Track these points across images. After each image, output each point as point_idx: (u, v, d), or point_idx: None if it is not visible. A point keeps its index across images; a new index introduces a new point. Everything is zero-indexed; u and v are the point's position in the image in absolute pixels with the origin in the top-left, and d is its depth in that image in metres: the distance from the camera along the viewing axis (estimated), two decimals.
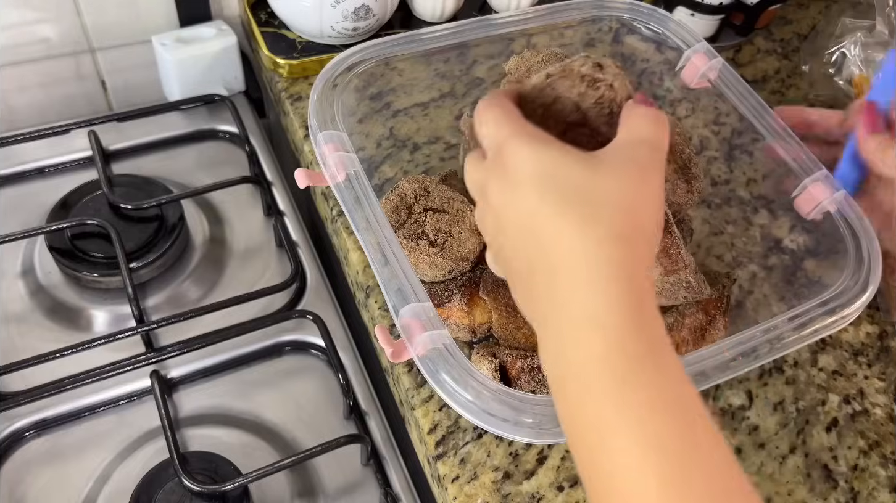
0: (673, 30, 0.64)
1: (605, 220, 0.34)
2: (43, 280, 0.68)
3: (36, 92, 0.81)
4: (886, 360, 0.63)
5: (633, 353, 0.32)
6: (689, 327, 0.55)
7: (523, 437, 0.43)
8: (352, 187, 0.50)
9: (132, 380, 0.62)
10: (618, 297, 0.33)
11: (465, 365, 0.43)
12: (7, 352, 0.63)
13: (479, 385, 0.43)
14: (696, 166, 0.61)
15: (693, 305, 0.56)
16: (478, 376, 0.43)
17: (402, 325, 0.45)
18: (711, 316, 0.56)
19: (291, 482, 0.59)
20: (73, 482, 0.58)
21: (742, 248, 0.65)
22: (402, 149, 0.69)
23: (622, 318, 0.33)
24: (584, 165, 0.36)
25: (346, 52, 0.57)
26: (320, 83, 0.55)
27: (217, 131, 0.81)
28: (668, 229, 0.53)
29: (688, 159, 0.61)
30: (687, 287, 0.53)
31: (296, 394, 0.64)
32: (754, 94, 0.60)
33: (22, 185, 0.75)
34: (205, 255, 0.72)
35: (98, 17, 0.78)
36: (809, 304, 0.50)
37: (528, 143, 0.36)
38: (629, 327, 0.33)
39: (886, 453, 0.57)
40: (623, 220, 0.34)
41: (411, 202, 0.57)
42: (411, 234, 0.55)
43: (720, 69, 0.62)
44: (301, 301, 0.69)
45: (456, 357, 0.44)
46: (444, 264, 0.55)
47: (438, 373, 0.43)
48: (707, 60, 0.62)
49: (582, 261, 0.33)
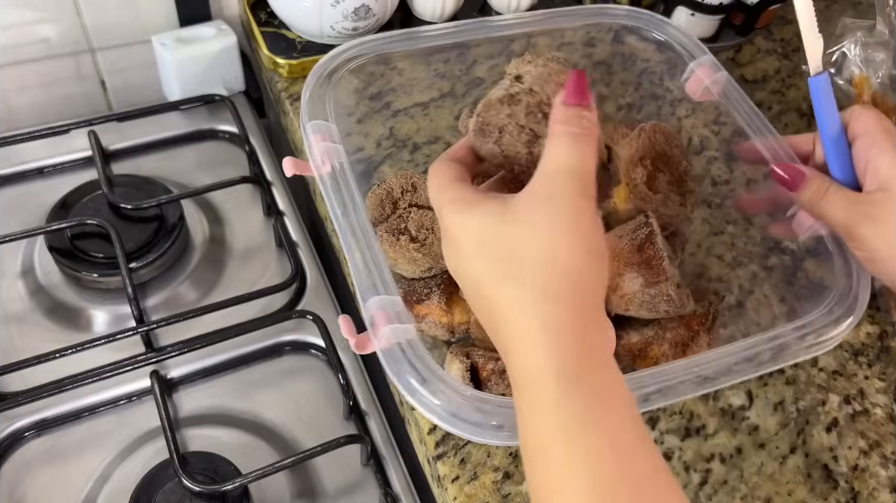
0: (678, 39, 0.64)
1: (528, 279, 0.36)
2: (43, 280, 0.68)
3: (36, 92, 0.81)
4: (886, 360, 0.62)
5: (573, 410, 0.34)
6: (669, 341, 0.54)
7: (487, 439, 0.43)
8: (334, 177, 0.50)
9: (132, 380, 0.62)
10: (551, 352, 0.35)
11: (426, 362, 0.43)
12: (7, 352, 0.63)
13: (440, 384, 0.43)
14: (693, 180, 0.60)
15: (675, 320, 0.55)
16: (439, 373, 0.43)
17: (368, 317, 0.45)
18: (694, 332, 0.55)
19: (291, 482, 0.59)
20: (73, 482, 0.58)
21: (742, 247, 0.64)
22: (402, 149, 0.69)
23: (556, 371, 0.35)
24: (505, 221, 0.37)
25: (340, 48, 0.57)
26: (313, 78, 0.55)
27: (217, 131, 0.81)
28: (650, 240, 0.53)
29: (684, 172, 0.60)
30: (668, 300, 0.52)
31: (296, 394, 0.64)
32: (759, 113, 0.60)
33: (22, 185, 0.75)
34: (205, 255, 0.72)
35: (98, 17, 0.78)
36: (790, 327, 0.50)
37: (458, 212, 0.39)
38: (565, 382, 0.34)
39: (887, 453, 0.57)
40: (545, 275, 0.36)
41: (397, 197, 0.57)
42: (394, 229, 0.55)
43: (724, 83, 0.61)
44: (301, 301, 0.69)
45: (418, 353, 0.44)
46: (423, 261, 0.54)
47: (400, 369, 0.43)
48: (711, 73, 0.61)
49: (519, 319, 0.36)
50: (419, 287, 0.56)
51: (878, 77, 0.76)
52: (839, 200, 0.51)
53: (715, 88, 0.62)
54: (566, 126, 0.38)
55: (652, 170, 0.58)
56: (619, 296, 0.54)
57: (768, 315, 0.61)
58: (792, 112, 0.80)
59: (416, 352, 0.44)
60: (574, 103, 0.39)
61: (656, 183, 0.58)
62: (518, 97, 0.40)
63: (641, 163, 0.58)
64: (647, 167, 0.58)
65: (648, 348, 0.54)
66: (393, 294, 0.46)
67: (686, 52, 0.63)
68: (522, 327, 0.36)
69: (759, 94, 0.81)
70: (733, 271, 0.64)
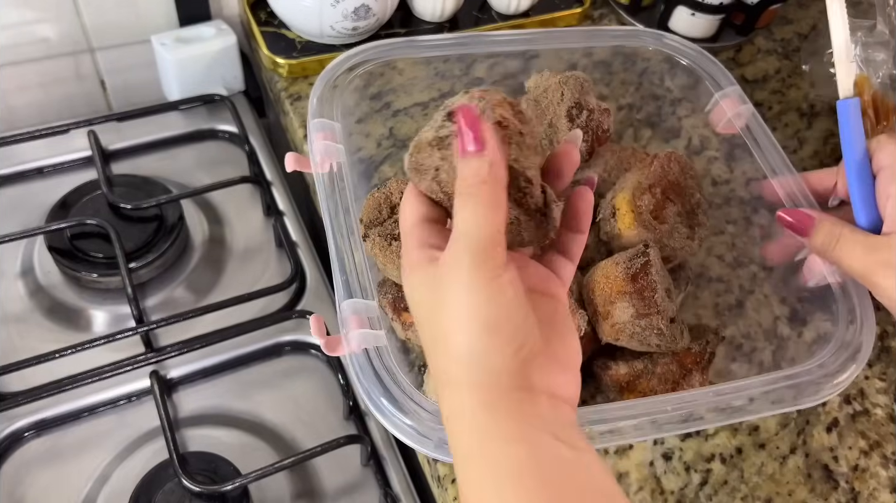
0: (704, 66, 0.63)
1: (432, 362, 0.36)
2: (42, 280, 0.68)
3: (35, 92, 0.81)
4: (887, 360, 0.62)
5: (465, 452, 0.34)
6: (659, 377, 0.53)
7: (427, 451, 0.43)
8: (331, 177, 0.51)
9: (132, 380, 0.62)
10: (453, 435, 0.35)
11: (390, 369, 0.43)
12: (6, 352, 0.63)
13: (404, 396, 0.43)
14: (705, 213, 0.59)
15: (668, 355, 0.54)
16: (404, 385, 0.43)
17: (342, 319, 0.45)
18: (687, 369, 0.53)
19: (291, 482, 0.59)
20: (73, 482, 0.58)
21: (742, 247, 0.64)
22: (402, 149, 0.69)
23: (458, 453, 0.35)
24: (425, 296, 0.36)
25: (348, 52, 0.57)
26: (321, 83, 0.55)
27: (216, 131, 0.81)
28: (645, 270, 0.52)
29: (696, 204, 0.59)
30: (658, 334, 0.52)
31: (295, 394, 0.64)
32: (780, 150, 0.58)
33: (21, 185, 0.75)
34: (204, 255, 0.72)
35: (97, 17, 0.78)
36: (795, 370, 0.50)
37: (405, 275, 0.37)
38: (461, 461, 0.34)
39: (887, 453, 0.57)
40: (444, 359, 0.35)
41: (396, 202, 0.56)
42: (386, 234, 0.54)
43: (748, 117, 0.60)
44: (301, 301, 0.69)
45: (384, 361, 0.44)
46: None
47: (365, 376, 0.43)
48: (737, 105, 0.60)
49: (440, 395, 0.36)
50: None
51: (878, 77, 0.76)
52: (853, 247, 0.48)
53: (738, 121, 0.60)
54: (463, 184, 0.34)
55: (661, 199, 0.57)
56: (610, 324, 0.53)
57: (768, 315, 0.61)
58: (792, 112, 0.80)
59: (383, 361, 0.44)
60: (468, 154, 0.34)
61: (664, 213, 0.57)
62: (448, 140, 0.37)
63: (650, 190, 0.56)
64: (657, 195, 0.56)
65: (636, 381, 0.53)
66: (370, 299, 0.45)
67: (711, 80, 0.62)
68: (441, 404, 0.36)
69: (759, 94, 0.81)
70: (733, 271, 0.64)
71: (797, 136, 0.78)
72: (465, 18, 0.81)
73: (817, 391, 0.48)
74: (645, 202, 0.56)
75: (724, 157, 0.66)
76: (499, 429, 0.33)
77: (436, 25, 0.80)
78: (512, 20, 0.81)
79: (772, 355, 0.59)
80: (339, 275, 0.46)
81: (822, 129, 0.79)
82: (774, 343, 0.59)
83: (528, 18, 0.82)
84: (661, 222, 0.56)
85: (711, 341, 0.55)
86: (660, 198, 0.57)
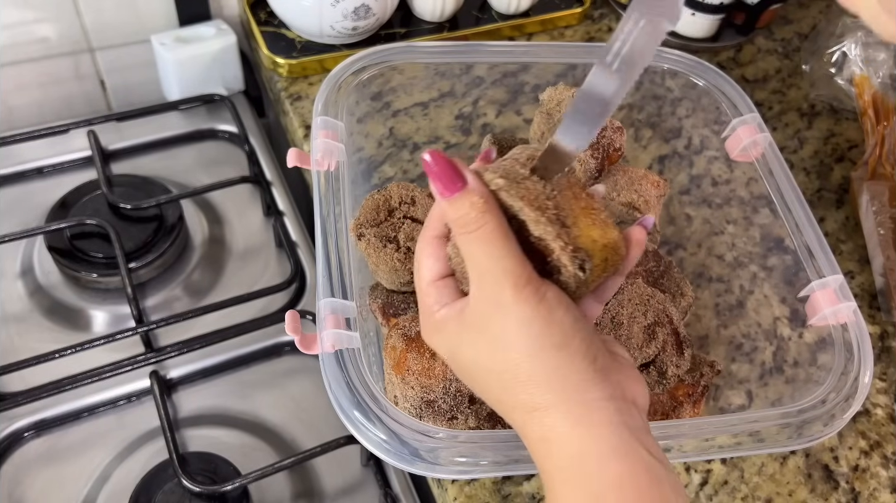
0: (727, 91, 0.62)
1: (501, 394, 0.36)
2: (42, 280, 0.68)
3: (35, 92, 0.81)
4: (887, 360, 0.62)
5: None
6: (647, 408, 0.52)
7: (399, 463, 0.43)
8: (329, 176, 0.51)
9: (131, 380, 0.62)
10: (546, 459, 0.36)
11: (362, 375, 0.44)
12: (6, 352, 0.63)
13: (372, 403, 0.43)
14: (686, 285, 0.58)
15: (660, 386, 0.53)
16: (373, 391, 0.43)
17: (319, 318, 0.45)
18: (678, 402, 0.53)
19: (291, 482, 0.59)
20: (73, 482, 0.58)
21: (742, 247, 0.64)
22: (403, 148, 0.69)
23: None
24: (459, 343, 0.37)
25: (353, 57, 0.58)
26: (326, 88, 0.56)
27: (216, 131, 0.81)
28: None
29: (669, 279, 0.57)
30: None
31: (295, 394, 0.64)
32: (794, 183, 0.58)
33: (21, 185, 0.75)
34: (204, 256, 0.72)
35: (97, 17, 0.78)
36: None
37: (429, 338, 0.38)
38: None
39: (887, 453, 0.57)
40: (509, 392, 0.35)
41: (394, 206, 0.56)
42: (383, 236, 0.54)
43: (766, 146, 0.59)
44: (301, 301, 0.69)
45: (356, 365, 0.44)
46: (403, 272, 0.53)
47: (336, 380, 0.43)
48: (753, 133, 0.59)
49: (529, 434, 0.36)
50: (397, 301, 0.55)
51: (878, 77, 0.76)
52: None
53: (754, 150, 0.60)
54: (455, 229, 0.34)
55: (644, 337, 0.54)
56: None
57: (768, 315, 0.61)
58: (792, 112, 0.80)
59: (355, 363, 0.44)
60: (448, 195, 0.34)
61: (650, 346, 0.54)
62: None
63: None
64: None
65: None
66: (349, 300, 0.45)
67: (730, 104, 0.61)
68: (527, 432, 0.36)
69: (759, 94, 0.81)
70: (733, 271, 0.64)
71: (797, 136, 0.78)
72: (465, 18, 0.81)
73: (810, 430, 0.49)
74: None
75: (725, 157, 0.66)
76: (596, 444, 0.34)
77: (436, 25, 0.80)
78: (512, 20, 0.81)
79: (772, 355, 0.59)
80: (322, 273, 0.46)
81: (822, 129, 0.79)
82: (774, 343, 0.59)
83: (529, 18, 0.82)
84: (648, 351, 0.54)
85: (706, 374, 0.54)
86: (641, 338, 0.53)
